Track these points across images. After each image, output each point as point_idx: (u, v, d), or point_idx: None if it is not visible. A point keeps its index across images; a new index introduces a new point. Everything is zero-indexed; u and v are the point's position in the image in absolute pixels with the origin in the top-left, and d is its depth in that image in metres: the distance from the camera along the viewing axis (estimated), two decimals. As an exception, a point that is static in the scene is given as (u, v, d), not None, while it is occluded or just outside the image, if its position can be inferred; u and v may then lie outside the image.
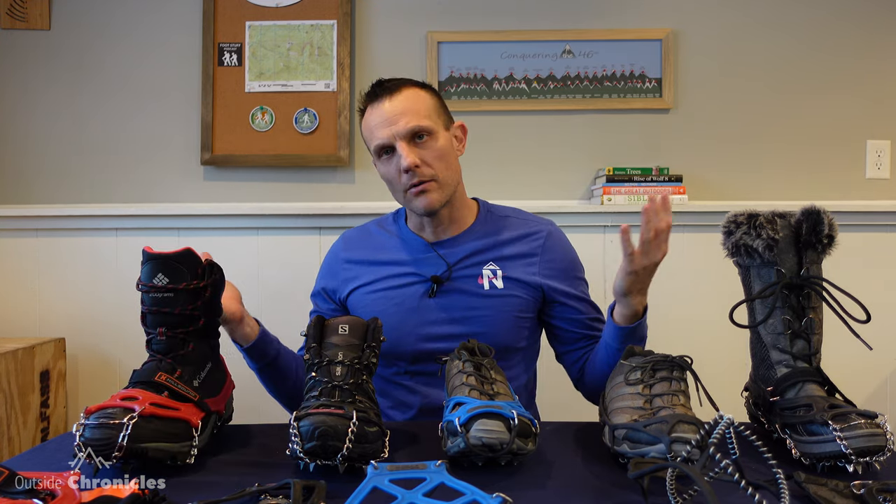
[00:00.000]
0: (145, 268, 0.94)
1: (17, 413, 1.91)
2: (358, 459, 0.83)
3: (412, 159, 1.22)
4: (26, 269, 2.23)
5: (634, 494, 0.77)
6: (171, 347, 0.94)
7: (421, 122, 1.25)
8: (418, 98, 1.27)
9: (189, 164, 2.29)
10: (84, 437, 0.82)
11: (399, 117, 1.24)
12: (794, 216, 1.00)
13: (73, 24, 2.30)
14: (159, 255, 0.94)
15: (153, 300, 0.93)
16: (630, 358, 1.00)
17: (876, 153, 2.27)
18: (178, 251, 0.95)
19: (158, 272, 0.93)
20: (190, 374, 0.95)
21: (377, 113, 1.27)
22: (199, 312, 0.96)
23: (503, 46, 2.28)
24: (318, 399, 0.89)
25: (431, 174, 1.25)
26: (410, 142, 1.24)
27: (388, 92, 1.27)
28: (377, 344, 0.99)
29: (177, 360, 0.94)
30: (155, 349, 0.95)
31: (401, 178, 1.26)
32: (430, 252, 1.32)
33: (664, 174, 2.18)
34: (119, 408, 0.85)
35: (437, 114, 1.30)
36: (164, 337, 0.94)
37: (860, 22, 2.28)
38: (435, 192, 1.26)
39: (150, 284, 0.93)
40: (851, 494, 0.74)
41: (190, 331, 0.95)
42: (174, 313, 0.94)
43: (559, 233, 1.39)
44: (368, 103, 1.30)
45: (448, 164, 1.28)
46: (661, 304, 2.21)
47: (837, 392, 0.94)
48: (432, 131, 1.26)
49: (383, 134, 1.25)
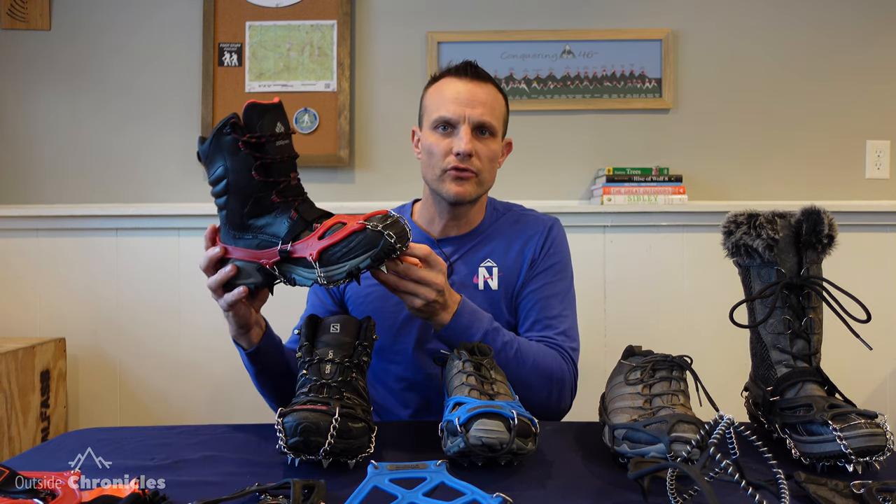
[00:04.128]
0: (266, 118, 0.93)
1: (17, 413, 1.91)
2: (341, 455, 0.85)
3: (470, 147, 1.23)
4: (26, 269, 2.23)
5: (634, 494, 0.77)
6: (300, 190, 0.97)
7: (493, 119, 1.26)
8: (497, 99, 1.29)
9: (189, 164, 2.29)
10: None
11: (477, 104, 1.25)
12: (794, 216, 1.00)
13: (74, 24, 2.31)
14: (272, 105, 0.94)
15: (280, 148, 0.94)
16: (630, 358, 1.00)
17: (876, 153, 2.28)
18: (275, 101, 0.95)
19: (277, 120, 0.94)
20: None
21: (457, 87, 1.26)
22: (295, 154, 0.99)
23: (503, 46, 2.29)
24: (307, 396, 0.90)
25: (478, 168, 1.26)
26: (475, 131, 1.26)
27: (476, 77, 1.28)
28: (370, 343, 1.00)
29: (305, 202, 0.97)
30: (289, 195, 0.95)
31: (447, 157, 1.26)
32: (433, 248, 1.32)
33: (664, 174, 2.18)
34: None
35: (502, 122, 1.32)
36: (296, 182, 0.96)
37: (860, 22, 2.28)
38: (471, 186, 1.27)
39: (273, 133, 0.93)
40: (851, 494, 0.74)
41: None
42: (294, 157, 0.96)
43: (558, 229, 1.38)
44: (451, 75, 1.29)
45: (492, 168, 1.30)
46: (661, 303, 2.22)
47: (837, 392, 0.94)
48: (496, 133, 1.28)
49: (455, 109, 1.25)
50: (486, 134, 1.26)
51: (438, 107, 1.27)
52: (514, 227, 1.36)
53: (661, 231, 2.19)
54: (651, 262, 2.19)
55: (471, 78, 1.27)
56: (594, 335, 2.18)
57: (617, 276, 2.19)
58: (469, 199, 1.28)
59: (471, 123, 1.24)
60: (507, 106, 1.34)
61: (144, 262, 2.23)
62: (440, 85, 1.29)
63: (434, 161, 1.27)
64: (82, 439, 0.99)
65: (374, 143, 2.30)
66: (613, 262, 2.19)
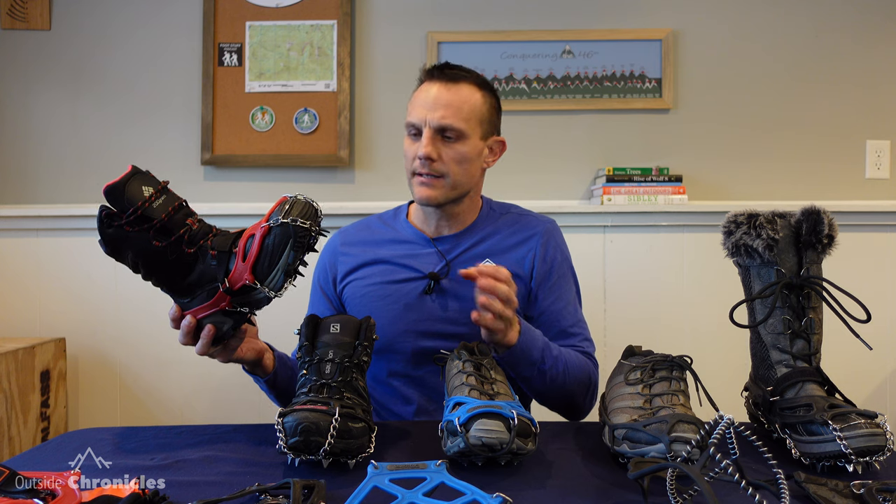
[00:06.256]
0: (128, 191, 0.90)
1: (17, 413, 1.91)
2: (341, 454, 0.85)
3: (428, 151, 1.24)
4: (26, 269, 2.23)
5: (634, 494, 0.77)
6: (207, 229, 0.96)
7: (455, 122, 1.25)
8: (470, 98, 1.27)
9: (189, 164, 2.29)
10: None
11: (439, 108, 1.25)
12: (794, 216, 1.00)
13: (74, 24, 2.31)
14: (126, 176, 0.91)
15: (161, 206, 0.92)
16: (630, 358, 1.00)
17: (876, 153, 2.28)
18: (128, 171, 0.92)
19: (141, 185, 0.91)
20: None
21: (425, 93, 1.28)
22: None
23: (503, 46, 2.28)
24: (307, 396, 0.91)
25: (442, 171, 1.26)
26: (437, 135, 1.26)
27: (445, 79, 1.27)
28: (370, 343, 1.01)
29: (217, 235, 0.97)
30: (199, 239, 0.95)
31: (413, 161, 1.28)
32: (429, 247, 1.33)
33: (664, 174, 2.18)
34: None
35: (480, 120, 1.29)
36: (198, 225, 0.95)
37: (860, 22, 2.28)
38: (437, 189, 1.27)
39: (145, 199, 0.91)
40: (851, 494, 0.74)
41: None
42: (181, 204, 0.95)
43: (556, 231, 1.39)
44: (425, 79, 1.31)
45: (465, 170, 1.28)
46: (661, 303, 2.22)
47: (837, 392, 0.94)
48: (463, 134, 1.26)
49: (419, 115, 1.26)
50: (452, 137, 1.26)
51: (410, 111, 1.29)
52: (513, 227, 1.36)
53: (661, 231, 2.19)
54: (651, 262, 2.19)
55: (441, 80, 1.27)
56: (594, 335, 2.14)
57: (617, 276, 2.19)
58: (439, 202, 1.28)
59: (432, 127, 1.25)
60: (491, 104, 1.32)
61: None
62: (417, 89, 1.31)
63: (406, 164, 1.31)
64: (82, 439, 0.99)
65: (374, 143, 2.30)
66: (613, 263, 2.19)
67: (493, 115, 1.32)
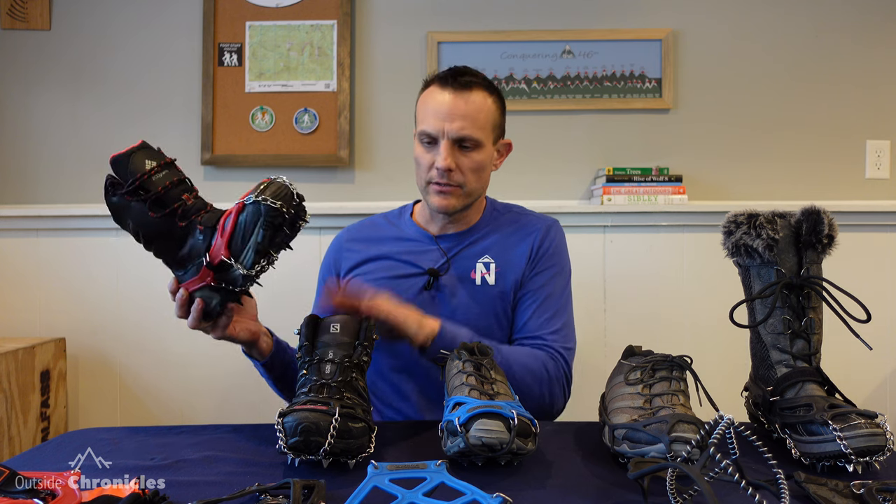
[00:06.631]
0: (132, 163, 0.93)
1: (17, 413, 1.91)
2: (341, 455, 0.85)
3: (448, 163, 1.24)
4: (26, 269, 2.23)
5: (634, 494, 0.77)
6: (201, 204, 0.98)
7: (474, 132, 1.25)
8: (484, 105, 1.27)
9: (189, 164, 2.29)
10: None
11: (456, 119, 1.24)
12: (794, 216, 1.00)
13: (74, 24, 2.31)
14: (132, 149, 0.94)
15: (160, 180, 0.94)
16: (630, 358, 1.00)
17: (876, 153, 2.28)
18: (138, 144, 0.96)
19: (145, 159, 0.94)
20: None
21: (439, 100, 1.26)
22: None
23: (503, 46, 2.28)
24: (307, 396, 0.91)
25: (460, 182, 1.27)
26: (454, 145, 1.25)
27: (459, 87, 1.26)
28: (370, 343, 1.01)
29: (209, 212, 0.98)
30: (191, 214, 0.96)
31: (430, 170, 1.27)
32: (432, 245, 1.35)
33: (664, 174, 2.18)
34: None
35: (493, 127, 1.30)
36: (193, 201, 0.97)
37: (860, 22, 2.28)
38: (455, 199, 1.28)
39: (146, 171, 0.94)
40: (851, 494, 0.74)
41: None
42: (181, 180, 0.97)
43: (557, 229, 1.39)
44: (436, 84, 1.29)
45: (479, 177, 1.29)
46: (661, 303, 2.22)
47: (837, 392, 0.94)
48: (479, 143, 1.27)
49: (435, 124, 1.25)
50: (469, 147, 1.26)
51: (422, 119, 1.28)
52: (514, 226, 1.37)
53: (661, 231, 2.19)
54: (651, 262, 2.19)
55: (454, 88, 1.26)
56: (594, 335, 2.18)
57: (617, 276, 2.19)
58: (454, 210, 1.30)
59: (450, 138, 1.24)
60: (501, 108, 1.32)
61: (144, 262, 2.22)
62: (427, 94, 1.30)
63: (420, 172, 1.30)
64: (82, 439, 0.99)
65: (374, 143, 2.30)
66: (613, 263, 2.19)
67: (502, 118, 1.34)
